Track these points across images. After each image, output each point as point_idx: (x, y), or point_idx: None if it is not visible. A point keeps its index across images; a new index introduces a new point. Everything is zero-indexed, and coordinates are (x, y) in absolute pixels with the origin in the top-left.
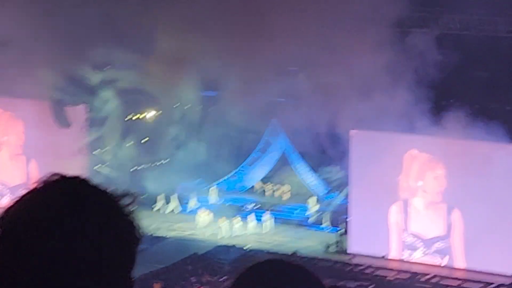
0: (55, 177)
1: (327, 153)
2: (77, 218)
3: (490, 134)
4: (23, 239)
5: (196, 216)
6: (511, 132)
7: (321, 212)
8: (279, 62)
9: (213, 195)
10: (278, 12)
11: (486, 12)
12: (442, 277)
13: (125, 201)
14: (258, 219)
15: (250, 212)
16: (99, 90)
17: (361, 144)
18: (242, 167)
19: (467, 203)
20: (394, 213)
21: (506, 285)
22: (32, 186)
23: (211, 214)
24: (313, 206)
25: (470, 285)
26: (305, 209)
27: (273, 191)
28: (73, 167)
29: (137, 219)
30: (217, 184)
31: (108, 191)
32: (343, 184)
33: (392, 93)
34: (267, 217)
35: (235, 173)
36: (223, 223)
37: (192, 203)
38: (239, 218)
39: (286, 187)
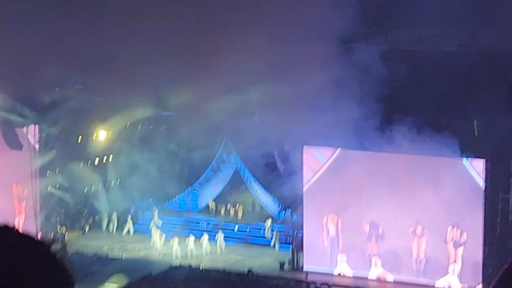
0: None
1: (280, 170)
2: (5, 268)
3: (441, 149)
4: None
5: (149, 237)
6: (462, 147)
7: (275, 230)
8: (229, 80)
9: (156, 215)
10: (227, 30)
11: (436, 27)
12: None
13: (55, 247)
14: (212, 238)
15: (204, 231)
16: (50, 110)
17: (313, 160)
18: (195, 186)
19: (422, 218)
20: (350, 229)
21: None
22: None
23: (164, 234)
24: (267, 224)
25: None
26: (259, 227)
27: (227, 210)
28: (26, 189)
29: (68, 264)
30: (170, 203)
31: (36, 238)
32: (297, 201)
33: (344, 109)
34: (221, 236)
35: (188, 192)
36: (177, 243)
37: (145, 223)
38: (193, 238)
39: (239, 206)
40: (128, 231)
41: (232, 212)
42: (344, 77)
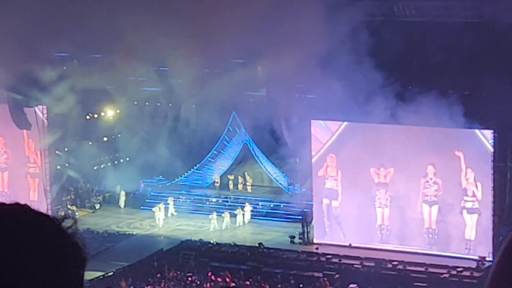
0: None
1: (288, 144)
2: (19, 245)
3: (448, 120)
4: None
5: (157, 213)
6: (468, 118)
7: (285, 204)
8: (233, 54)
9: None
10: (228, 4)
11: None
12: (408, 263)
13: (66, 223)
14: (219, 213)
15: (214, 207)
16: (58, 90)
17: (321, 133)
18: (204, 161)
19: (433, 189)
20: (360, 200)
21: (471, 269)
22: None
23: (173, 210)
24: (276, 198)
25: (435, 270)
26: (268, 201)
27: (236, 185)
28: (37, 168)
29: (80, 240)
30: (179, 179)
31: (48, 215)
32: (305, 174)
33: (350, 81)
34: (226, 213)
35: (198, 168)
36: (215, 217)
37: (155, 200)
38: (228, 213)
39: (248, 180)
40: (137, 207)
41: (241, 186)
42: (350, 51)
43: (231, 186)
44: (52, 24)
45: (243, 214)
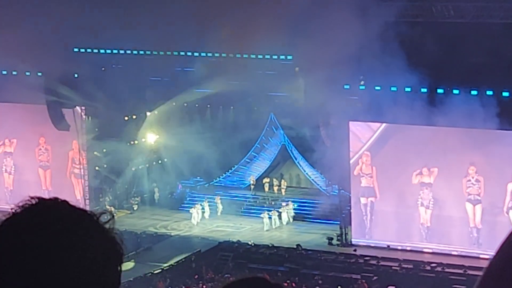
0: (34, 201)
1: (326, 145)
2: (58, 240)
3: (487, 121)
4: (4, 263)
5: (194, 213)
6: (509, 119)
7: (322, 205)
8: (272, 55)
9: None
10: (267, 4)
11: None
12: (447, 265)
13: (104, 218)
14: (258, 215)
15: (252, 208)
16: (96, 91)
17: (363, 132)
18: (242, 163)
19: (480, 189)
20: (408, 199)
21: None
22: (11, 211)
23: (221, 209)
24: (314, 199)
25: (474, 272)
26: (306, 202)
27: (272, 186)
28: (74, 169)
29: (117, 235)
30: (217, 181)
31: (86, 210)
32: (344, 175)
33: (388, 83)
34: (273, 212)
35: (235, 169)
36: (267, 217)
37: (194, 201)
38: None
39: (285, 181)
40: (175, 209)
41: (276, 188)
42: (387, 52)
43: (267, 188)
44: (91, 25)
45: (287, 213)
